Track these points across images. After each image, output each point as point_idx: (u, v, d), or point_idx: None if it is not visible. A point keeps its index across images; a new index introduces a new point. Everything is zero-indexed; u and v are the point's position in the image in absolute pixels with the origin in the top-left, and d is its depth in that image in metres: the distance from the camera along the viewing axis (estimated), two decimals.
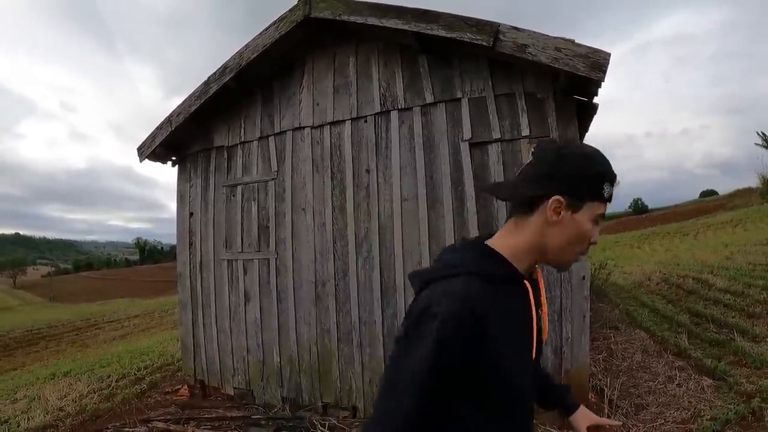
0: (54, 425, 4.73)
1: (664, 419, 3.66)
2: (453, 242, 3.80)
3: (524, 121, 3.68)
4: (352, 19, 3.95)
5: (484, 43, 3.43)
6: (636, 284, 9.93)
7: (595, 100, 3.76)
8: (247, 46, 4.49)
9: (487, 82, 3.81)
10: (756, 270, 8.60)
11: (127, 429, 4.16)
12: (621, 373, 4.60)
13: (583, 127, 4.58)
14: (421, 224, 3.94)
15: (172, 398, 5.25)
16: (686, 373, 4.51)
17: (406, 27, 3.74)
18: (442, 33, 3.59)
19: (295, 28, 4.24)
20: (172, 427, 4.02)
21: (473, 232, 3.74)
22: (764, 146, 28.29)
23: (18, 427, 4.73)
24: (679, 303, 7.50)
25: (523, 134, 3.68)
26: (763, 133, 28.31)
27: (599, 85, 3.38)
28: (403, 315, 3.95)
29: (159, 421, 4.20)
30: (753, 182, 29.02)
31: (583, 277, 3.53)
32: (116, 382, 6.35)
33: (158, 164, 5.39)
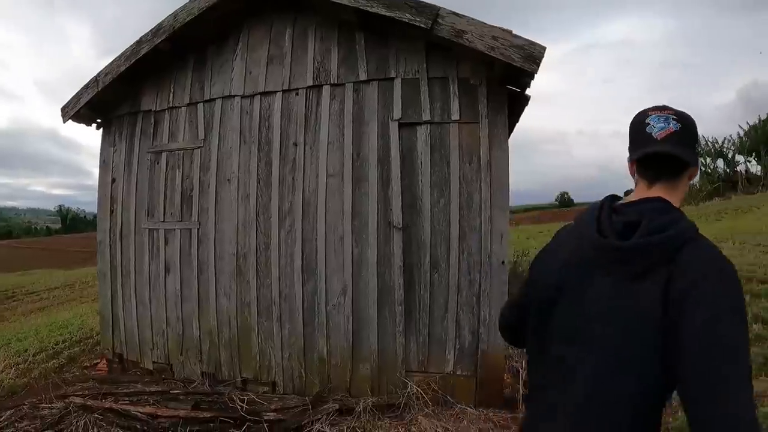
0: None
1: None
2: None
3: (455, 105, 3.74)
4: None
5: (423, 26, 3.45)
6: None
7: (529, 92, 3.86)
8: (183, 7, 4.28)
9: (422, 65, 3.83)
10: None
11: (44, 405, 3.97)
12: None
13: (514, 117, 4.70)
14: (345, 201, 3.94)
15: (91, 373, 5.07)
16: None
17: (345, 2, 3.68)
18: (382, 11, 3.57)
19: None
20: (89, 403, 3.85)
21: (397, 212, 3.79)
22: None
23: None
24: None
25: (452, 118, 3.74)
26: None
27: (533, 77, 3.48)
28: (324, 291, 3.92)
29: (77, 396, 4.02)
30: None
31: (503, 262, 3.66)
32: (33, 356, 6.03)
33: (84, 126, 5.08)
